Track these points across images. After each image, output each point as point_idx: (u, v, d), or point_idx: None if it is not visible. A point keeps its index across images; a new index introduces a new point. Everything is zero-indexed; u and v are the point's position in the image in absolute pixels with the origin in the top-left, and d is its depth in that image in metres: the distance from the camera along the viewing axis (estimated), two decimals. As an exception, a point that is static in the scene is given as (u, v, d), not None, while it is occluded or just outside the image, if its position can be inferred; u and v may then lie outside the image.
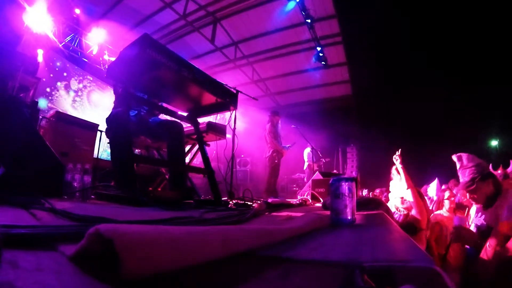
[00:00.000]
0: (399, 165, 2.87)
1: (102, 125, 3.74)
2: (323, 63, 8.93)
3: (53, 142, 3.87)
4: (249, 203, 2.24)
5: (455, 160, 2.37)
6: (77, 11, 7.77)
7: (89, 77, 9.05)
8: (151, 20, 8.24)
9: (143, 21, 8.27)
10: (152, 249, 0.40)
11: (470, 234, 2.19)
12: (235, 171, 3.88)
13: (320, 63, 8.96)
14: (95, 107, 8.95)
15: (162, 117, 2.71)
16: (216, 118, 7.47)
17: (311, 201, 3.24)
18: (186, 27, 8.52)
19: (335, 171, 9.32)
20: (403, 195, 2.89)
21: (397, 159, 2.91)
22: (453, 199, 3.13)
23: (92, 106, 8.96)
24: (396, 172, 3.09)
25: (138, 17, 8.17)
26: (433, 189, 3.42)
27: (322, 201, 2.77)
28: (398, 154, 2.90)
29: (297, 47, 9.12)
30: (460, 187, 2.37)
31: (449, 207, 3.08)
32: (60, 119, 4.52)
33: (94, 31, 8.16)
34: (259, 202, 2.12)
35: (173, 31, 8.68)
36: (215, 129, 2.90)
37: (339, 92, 11.42)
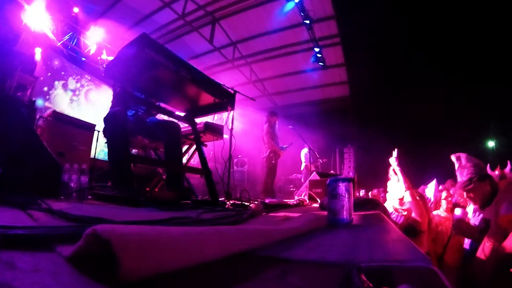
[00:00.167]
0: (397, 167, 2.80)
1: (99, 125, 3.72)
2: (321, 64, 8.95)
3: (50, 142, 3.85)
4: (247, 204, 2.23)
5: (454, 160, 2.38)
6: (76, 10, 7.75)
7: (87, 76, 9.01)
8: (150, 19, 8.22)
9: (142, 20, 8.26)
10: (149, 250, 0.40)
11: (470, 227, 2.21)
12: (232, 172, 3.88)
13: (318, 64, 8.98)
14: (93, 106, 8.90)
15: (159, 117, 2.70)
16: (213, 118, 7.46)
17: (308, 201, 3.24)
18: (184, 27, 8.52)
19: (332, 171, 9.33)
20: (402, 196, 2.87)
21: (394, 161, 2.82)
22: (450, 199, 3.14)
23: (89, 105, 8.92)
24: (393, 172, 3.06)
25: (137, 16, 8.15)
26: (431, 190, 3.43)
27: (319, 201, 2.77)
28: (395, 156, 2.82)
29: (295, 47, 9.13)
30: (457, 186, 2.39)
31: (446, 207, 3.09)
32: (57, 118, 4.50)
33: (92, 30, 8.13)
34: (256, 202, 2.12)
35: (172, 31, 8.67)
36: (213, 129, 2.90)
37: (337, 93, 11.46)
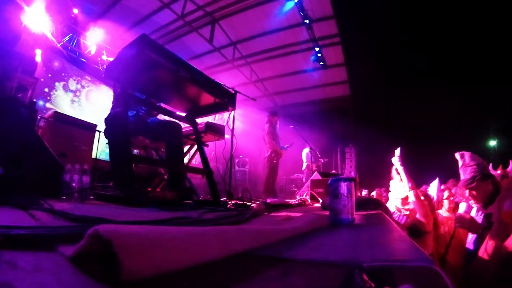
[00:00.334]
0: (400, 167, 2.75)
1: (100, 125, 3.73)
2: (321, 63, 8.95)
3: (51, 142, 3.85)
4: (248, 204, 2.24)
5: (458, 158, 2.38)
6: (75, 11, 7.75)
7: (87, 77, 9.02)
8: (150, 20, 8.23)
9: (141, 21, 8.26)
10: (151, 250, 0.40)
11: (473, 221, 2.21)
12: (234, 172, 3.88)
13: (318, 63, 8.98)
14: (94, 107, 8.92)
15: (160, 117, 2.71)
16: (214, 118, 7.50)
17: (310, 201, 3.25)
18: (184, 27, 8.52)
19: (333, 171, 9.33)
20: (405, 196, 2.85)
21: (397, 161, 2.78)
22: (452, 199, 3.13)
23: (90, 106, 8.93)
24: (396, 172, 3.04)
25: (136, 17, 8.16)
26: (433, 188, 3.42)
27: (321, 201, 2.77)
28: (398, 155, 2.78)
29: (295, 47, 9.14)
30: (460, 184, 2.38)
31: (448, 206, 3.08)
32: (58, 119, 4.50)
33: (92, 31, 8.14)
34: (258, 202, 2.12)
35: (172, 31, 8.68)
36: (214, 130, 2.90)
37: (338, 92, 11.45)
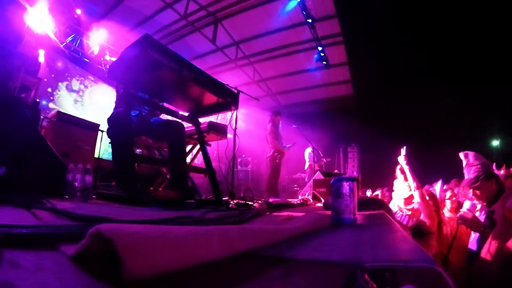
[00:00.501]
0: (406, 166, 2.73)
1: (103, 125, 3.76)
2: (324, 63, 8.93)
3: (54, 142, 3.88)
4: (250, 203, 2.23)
5: (462, 157, 2.37)
6: (78, 12, 7.79)
7: (90, 77, 9.07)
8: (152, 20, 8.25)
9: (144, 21, 8.28)
10: (153, 249, 0.39)
11: (475, 219, 2.20)
12: (236, 171, 3.88)
13: (321, 63, 8.95)
14: (96, 107, 8.96)
15: (163, 117, 2.71)
16: (217, 118, 7.49)
17: (312, 201, 3.24)
18: (187, 27, 8.53)
19: (336, 171, 9.30)
20: (408, 196, 2.84)
21: (402, 160, 2.77)
22: (454, 199, 3.11)
23: (93, 106, 8.98)
24: (400, 172, 3.02)
25: (139, 17, 8.18)
26: (437, 190, 3.41)
27: (323, 201, 2.76)
28: (403, 154, 2.77)
29: (298, 47, 9.12)
30: (464, 183, 2.37)
31: (450, 207, 3.07)
32: (61, 119, 4.54)
33: (95, 31, 8.18)
34: (260, 202, 2.12)
35: (174, 31, 8.70)
36: (216, 129, 2.90)
37: (340, 92, 11.41)
